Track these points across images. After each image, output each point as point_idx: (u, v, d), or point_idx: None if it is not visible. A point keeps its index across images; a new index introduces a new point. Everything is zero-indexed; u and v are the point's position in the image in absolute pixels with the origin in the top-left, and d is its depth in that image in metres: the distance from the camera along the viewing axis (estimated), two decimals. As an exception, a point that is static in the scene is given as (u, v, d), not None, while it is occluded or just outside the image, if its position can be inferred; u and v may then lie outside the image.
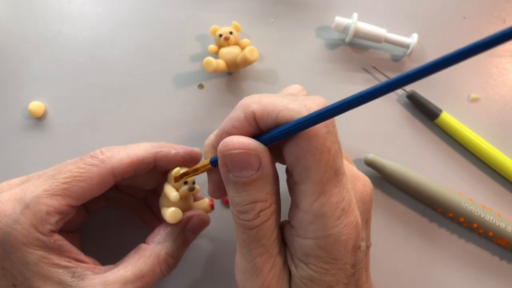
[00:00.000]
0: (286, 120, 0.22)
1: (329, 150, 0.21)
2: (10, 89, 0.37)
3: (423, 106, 0.37)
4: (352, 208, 0.23)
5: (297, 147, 0.22)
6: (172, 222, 0.28)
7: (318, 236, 0.22)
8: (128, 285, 0.27)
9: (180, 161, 0.29)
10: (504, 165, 0.36)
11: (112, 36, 0.39)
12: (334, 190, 0.22)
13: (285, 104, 0.22)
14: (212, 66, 0.35)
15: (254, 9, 0.40)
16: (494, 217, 0.35)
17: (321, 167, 0.21)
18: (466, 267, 0.36)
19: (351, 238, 0.23)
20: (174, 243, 0.29)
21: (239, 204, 0.23)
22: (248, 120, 0.23)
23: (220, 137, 0.24)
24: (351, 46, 0.40)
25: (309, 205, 0.22)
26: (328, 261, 0.23)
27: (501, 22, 0.41)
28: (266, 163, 0.23)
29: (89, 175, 0.27)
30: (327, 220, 0.22)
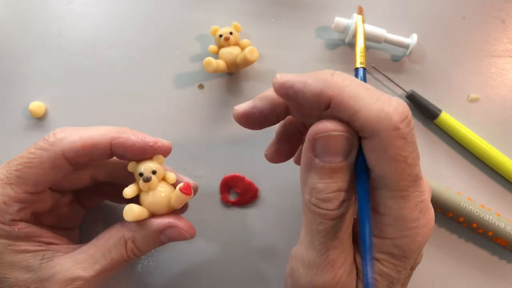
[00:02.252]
0: (361, 123, 0.21)
1: (405, 160, 0.21)
2: (10, 89, 0.38)
3: (422, 106, 0.37)
4: (428, 210, 0.23)
5: (372, 152, 0.21)
6: (127, 219, 0.26)
7: (396, 236, 0.22)
8: (96, 265, 0.27)
9: (138, 152, 0.27)
10: (503, 165, 0.37)
11: (112, 36, 0.39)
12: (413, 194, 0.22)
13: (368, 104, 0.21)
14: (212, 66, 0.35)
15: (254, 10, 0.40)
16: (494, 217, 0.35)
17: (397, 175, 0.21)
18: (466, 266, 0.36)
19: (425, 240, 0.23)
20: (145, 238, 0.27)
21: (322, 191, 0.22)
22: (320, 99, 0.22)
23: (284, 85, 0.23)
24: (351, 46, 0.40)
25: (388, 209, 0.22)
26: (399, 258, 0.23)
27: (501, 22, 0.41)
28: (355, 152, 0.22)
29: (39, 160, 0.26)
30: (406, 222, 0.22)
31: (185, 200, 0.27)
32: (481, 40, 0.40)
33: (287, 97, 0.23)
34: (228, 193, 0.36)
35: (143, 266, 0.35)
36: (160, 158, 0.28)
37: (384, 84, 0.39)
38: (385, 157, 0.21)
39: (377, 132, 0.20)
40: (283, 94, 0.23)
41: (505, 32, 0.41)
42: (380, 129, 0.20)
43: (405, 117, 0.21)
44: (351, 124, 0.21)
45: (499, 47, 0.40)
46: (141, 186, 0.27)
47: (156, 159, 0.28)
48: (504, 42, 0.40)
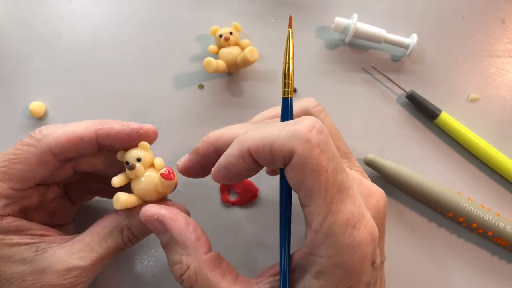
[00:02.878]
0: (279, 150, 0.22)
1: (326, 169, 0.21)
2: (10, 89, 0.38)
3: (422, 106, 0.37)
4: (365, 224, 0.22)
5: (295, 172, 0.22)
6: (116, 208, 0.26)
7: (331, 254, 0.22)
8: (93, 253, 0.27)
9: (125, 139, 0.27)
10: (503, 165, 0.37)
11: (112, 36, 0.39)
12: (341, 206, 0.22)
13: (276, 134, 0.22)
14: (212, 66, 0.35)
15: (254, 10, 0.40)
16: (494, 217, 0.35)
17: (321, 187, 0.21)
18: (466, 266, 0.36)
19: (366, 255, 0.22)
20: (141, 224, 0.27)
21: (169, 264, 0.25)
22: (243, 157, 0.23)
23: (217, 172, 0.25)
24: (350, 47, 0.40)
25: (319, 225, 0.22)
26: (340, 277, 0.22)
27: (501, 23, 0.41)
28: (174, 227, 0.24)
29: (26, 156, 0.26)
30: (338, 239, 0.22)
31: (170, 185, 0.27)
32: (481, 40, 0.40)
33: (224, 180, 0.25)
34: (228, 193, 0.36)
35: (143, 266, 0.35)
36: (145, 145, 0.27)
37: (384, 84, 0.39)
38: (306, 171, 0.21)
39: (293, 150, 0.21)
40: (220, 181, 0.25)
41: (505, 32, 0.41)
42: (294, 146, 0.21)
43: (312, 127, 0.22)
44: (275, 161, 0.22)
45: (499, 47, 0.40)
46: (128, 174, 0.27)
47: (141, 146, 0.27)
48: (504, 42, 0.41)
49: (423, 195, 0.35)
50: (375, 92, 0.39)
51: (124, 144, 0.27)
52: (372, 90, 0.39)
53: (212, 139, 0.27)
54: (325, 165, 0.21)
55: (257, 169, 0.24)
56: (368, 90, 0.39)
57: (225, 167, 0.24)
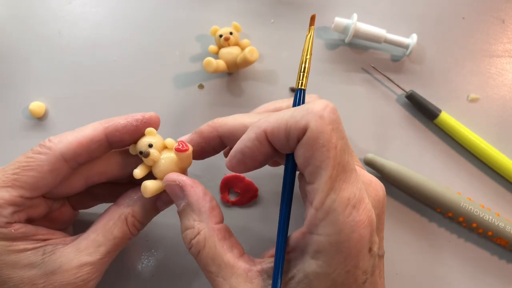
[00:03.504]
0: (294, 127, 0.23)
1: (335, 146, 0.22)
2: (10, 89, 0.38)
3: (422, 106, 0.37)
4: (364, 206, 0.23)
5: (305, 148, 0.23)
6: (146, 196, 0.27)
7: (329, 232, 0.23)
8: (101, 247, 0.27)
9: (133, 131, 0.28)
10: (503, 165, 0.37)
11: (113, 36, 0.39)
12: (344, 185, 0.22)
13: (291, 114, 0.23)
14: (212, 66, 0.35)
15: (254, 10, 0.40)
16: (493, 217, 0.35)
17: (329, 162, 0.22)
18: (465, 266, 0.36)
19: (363, 236, 0.23)
20: (143, 209, 0.28)
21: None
22: (259, 139, 0.24)
23: (233, 157, 0.25)
24: (350, 47, 0.40)
25: (321, 201, 0.23)
26: (337, 258, 0.23)
27: (500, 23, 0.41)
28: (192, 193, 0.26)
29: (38, 163, 0.26)
30: (339, 216, 0.22)
31: (188, 157, 0.27)
32: (481, 40, 0.40)
33: (239, 167, 0.26)
34: (228, 193, 0.36)
35: (143, 266, 0.35)
36: (151, 131, 0.28)
37: (384, 84, 0.39)
38: (317, 147, 0.22)
39: (307, 125, 0.22)
40: (234, 167, 0.26)
41: (504, 32, 0.41)
42: (308, 122, 0.22)
43: (326, 106, 0.23)
44: (289, 140, 0.23)
45: (498, 47, 0.40)
46: (146, 162, 0.27)
47: (148, 133, 0.28)
48: (503, 42, 0.41)
49: (423, 195, 0.35)
50: (375, 92, 0.39)
51: (133, 136, 0.28)
52: (372, 90, 0.39)
53: (217, 124, 0.28)
54: (335, 143, 0.22)
55: (272, 155, 0.25)
56: (368, 90, 0.39)
57: (241, 151, 0.25)
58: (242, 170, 0.26)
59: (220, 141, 0.28)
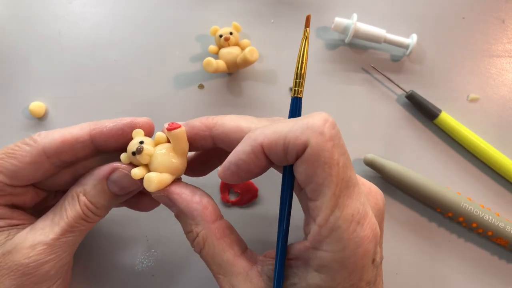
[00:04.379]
0: (293, 143, 0.22)
1: (337, 162, 0.22)
2: (10, 89, 0.38)
3: (422, 106, 0.37)
4: (369, 221, 0.23)
5: (306, 165, 0.22)
6: (152, 190, 0.25)
7: (334, 249, 0.22)
8: (55, 227, 0.26)
9: (118, 135, 0.27)
10: (503, 165, 0.37)
11: (113, 36, 0.39)
12: (348, 201, 0.22)
13: (289, 128, 0.22)
14: (212, 66, 0.35)
15: (254, 10, 0.40)
16: (493, 217, 0.35)
17: (332, 180, 0.22)
18: (465, 266, 0.36)
19: (368, 251, 0.23)
20: (94, 188, 0.27)
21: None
22: (255, 153, 0.23)
23: (227, 169, 0.24)
24: (350, 47, 0.40)
25: (325, 219, 0.22)
26: (342, 273, 0.23)
27: (500, 23, 0.41)
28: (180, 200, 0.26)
29: (21, 153, 0.26)
30: (343, 233, 0.22)
31: (182, 138, 0.26)
32: (481, 40, 0.40)
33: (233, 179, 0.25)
34: (228, 193, 0.36)
35: (143, 266, 0.35)
36: (139, 132, 0.27)
37: (384, 84, 0.39)
38: (319, 164, 0.22)
39: (307, 142, 0.22)
40: (228, 179, 0.25)
41: (504, 32, 0.41)
42: (308, 139, 0.22)
43: (326, 121, 0.22)
44: (287, 156, 0.23)
45: (498, 47, 0.40)
46: (142, 160, 0.26)
47: (136, 134, 0.27)
48: (503, 42, 0.41)
49: (423, 195, 0.35)
50: (375, 92, 0.39)
51: (118, 141, 0.27)
52: (372, 90, 0.39)
53: (212, 123, 0.26)
54: (337, 159, 0.22)
55: (267, 167, 0.25)
56: (368, 90, 0.39)
57: (235, 164, 0.24)
58: (235, 181, 0.25)
59: (211, 142, 0.27)
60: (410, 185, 0.35)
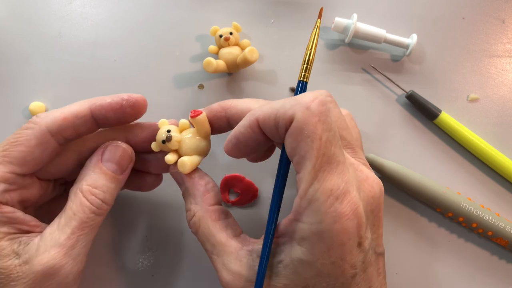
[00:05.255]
0: (282, 117, 0.23)
1: (320, 137, 0.23)
2: (10, 89, 0.38)
3: (422, 106, 0.38)
4: (350, 199, 0.23)
5: (292, 138, 0.23)
6: (185, 171, 0.28)
7: (312, 221, 0.23)
8: (66, 227, 0.26)
9: (117, 109, 0.28)
10: (503, 165, 0.37)
11: (113, 36, 0.39)
12: (328, 176, 0.23)
13: (281, 104, 0.24)
14: (212, 66, 0.35)
15: (254, 10, 0.40)
16: (493, 217, 0.35)
17: (313, 153, 0.23)
18: (465, 266, 0.36)
19: (346, 229, 0.23)
20: (93, 173, 0.28)
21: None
22: (252, 127, 0.25)
23: (229, 141, 0.27)
24: (350, 47, 0.40)
25: (304, 190, 0.23)
26: (320, 247, 0.23)
27: (500, 23, 0.41)
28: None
29: (25, 138, 0.27)
30: (320, 206, 0.23)
31: (204, 122, 0.29)
32: (481, 40, 0.40)
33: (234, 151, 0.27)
34: (228, 193, 0.36)
35: (143, 266, 0.35)
36: (164, 122, 0.29)
37: (384, 84, 0.39)
38: (302, 137, 0.23)
39: (293, 116, 0.23)
40: (230, 151, 0.27)
41: (504, 32, 0.41)
42: (295, 112, 0.23)
43: (315, 98, 0.23)
44: (278, 129, 0.24)
45: (498, 47, 0.40)
46: (172, 146, 0.28)
47: (161, 124, 0.29)
48: (503, 42, 0.41)
49: (423, 195, 0.35)
50: (375, 92, 0.39)
51: (117, 115, 0.29)
52: (372, 90, 0.39)
53: (227, 105, 0.29)
54: (320, 134, 0.23)
55: (265, 143, 0.26)
56: (368, 90, 0.39)
57: (235, 137, 0.26)
58: (237, 155, 0.27)
59: (227, 122, 0.29)
60: (410, 185, 0.35)
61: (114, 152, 0.29)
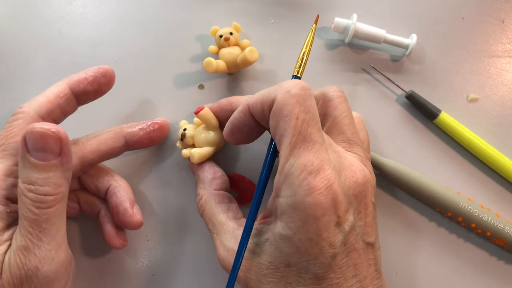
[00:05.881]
0: (266, 100, 0.25)
1: (297, 117, 0.24)
2: (10, 89, 0.38)
3: (422, 106, 0.38)
4: (323, 176, 0.24)
5: (272, 118, 0.25)
6: (195, 161, 0.33)
7: (288, 194, 0.24)
8: (21, 229, 0.25)
9: (92, 81, 0.31)
10: (503, 165, 0.37)
11: (113, 36, 0.39)
12: (303, 153, 0.24)
13: (269, 89, 0.26)
14: (212, 66, 0.35)
15: (254, 10, 0.40)
16: (493, 217, 0.35)
17: (289, 131, 0.24)
18: (464, 266, 0.36)
19: (320, 203, 0.23)
20: (24, 169, 0.25)
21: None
22: (244, 111, 0.28)
23: (226, 126, 0.29)
24: (350, 47, 0.40)
25: (282, 166, 0.25)
26: (295, 220, 0.24)
27: (500, 23, 0.41)
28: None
29: (19, 128, 0.28)
30: (294, 179, 0.24)
31: (208, 115, 0.33)
32: (481, 41, 0.41)
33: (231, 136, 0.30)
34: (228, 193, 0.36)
35: (143, 266, 0.35)
36: (184, 122, 0.35)
37: (383, 84, 0.39)
38: (281, 117, 0.24)
39: (275, 97, 0.25)
40: (228, 136, 0.30)
41: (504, 32, 0.41)
42: (276, 95, 0.25)
43: (297, 84, 0.25)
44: (263, 112, 0.26)
45: (498, 48, 0.40)
46: (188, 142, 0.34)
47: (181, 125, 0.35)
48: (503, 43, 0.41)
49: (422, 194, 0.35)
50: (374, 92, 0.39)
51: (94, 86, 0.31)
52: (372, 90, 0.39)
53: (233, 99, 0.33)
54: (297, 114, 0.24)
55: (255, 127, 0.28)
56: (368, 90, 0.39)
57: (231, 122, 0.29)
58: (233, 140, 0.30)
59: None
60: (410, 183, 0.35)
61: (35, 139, 0.25)
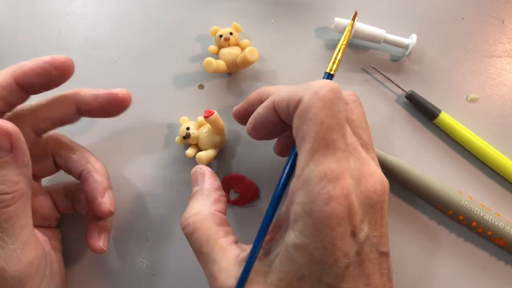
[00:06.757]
0: (292, 99, 0.24)
1: (321, 122, 0.23)
2: (11, 89, 0.38)
3: (422, 106, 0.38)
4: (342, 185, 0.23)
5: (297, 118, 0.24)
6: (203, 164, 0.33)
7: (305, 201, 0.23)
8: None
9: (40, 73, 0.27)
10: (503, 165, 0.37)
11: (113, 36, 0.39)
12: (324, 159, 0.23)
13: (296, 87, 0.25)
14: (212, 66, 0.35)
15: (254, 10, 0.40)
16: (493, 217, 0.35)
17: (311, 136, 0.23)
18: (464, 266, 0.36)
19: (337, 213, 0.23)
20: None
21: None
22: (268, 108, 0.27)
23: (249, 122, 0.29)
24: (350, 47, 0.40)
25: (300, 170, 0.24)
26: (311, 228, 0.23)
27: (500, 23, 0.41)
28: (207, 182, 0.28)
29: None
30: (314, 187, 0.23)
31: (216, 120, 0.33)
32: (481, 41, 0.41)
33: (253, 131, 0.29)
34: (228, 193, 0.36)
35: (143, 266, 0.35)
36: (185, 119, 0.36)
37: (383, 84, 0.39)
38: (305, 119, 0.23)
39: (302, 97, 0.24)
40: (250, 131, 0.29)
41: (504, 32, 0.41)
42: (303, 95, 0.24)
43: (326, 85, 0.24)
44: (289, 110, 0.25)
45: (498, 48, 0.40)
46: (191, 142, 0.34)
47: (182, 122, 0.35)
48: (503, 43, 0.41)
49: (424, 192, 0.35)
50: (374, 92, 0.39)
51: (43, 78, 0.28)
52: (372, 90, 0.39)
53: (262, 91, 0.31)
54: (322, 119, 0.23)
55: (279, 124, 0.27)
56: (368, 90, 0.39)
57: (254, 117, 0.28)
58: (256, 136, 0.29)
59: None
60: (411, 179, 0.35)
61: None
